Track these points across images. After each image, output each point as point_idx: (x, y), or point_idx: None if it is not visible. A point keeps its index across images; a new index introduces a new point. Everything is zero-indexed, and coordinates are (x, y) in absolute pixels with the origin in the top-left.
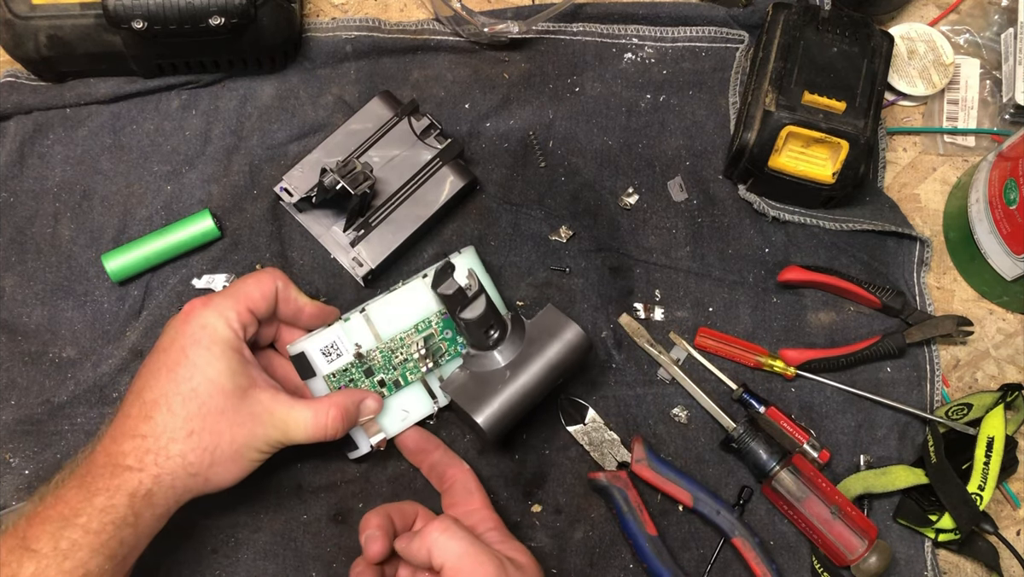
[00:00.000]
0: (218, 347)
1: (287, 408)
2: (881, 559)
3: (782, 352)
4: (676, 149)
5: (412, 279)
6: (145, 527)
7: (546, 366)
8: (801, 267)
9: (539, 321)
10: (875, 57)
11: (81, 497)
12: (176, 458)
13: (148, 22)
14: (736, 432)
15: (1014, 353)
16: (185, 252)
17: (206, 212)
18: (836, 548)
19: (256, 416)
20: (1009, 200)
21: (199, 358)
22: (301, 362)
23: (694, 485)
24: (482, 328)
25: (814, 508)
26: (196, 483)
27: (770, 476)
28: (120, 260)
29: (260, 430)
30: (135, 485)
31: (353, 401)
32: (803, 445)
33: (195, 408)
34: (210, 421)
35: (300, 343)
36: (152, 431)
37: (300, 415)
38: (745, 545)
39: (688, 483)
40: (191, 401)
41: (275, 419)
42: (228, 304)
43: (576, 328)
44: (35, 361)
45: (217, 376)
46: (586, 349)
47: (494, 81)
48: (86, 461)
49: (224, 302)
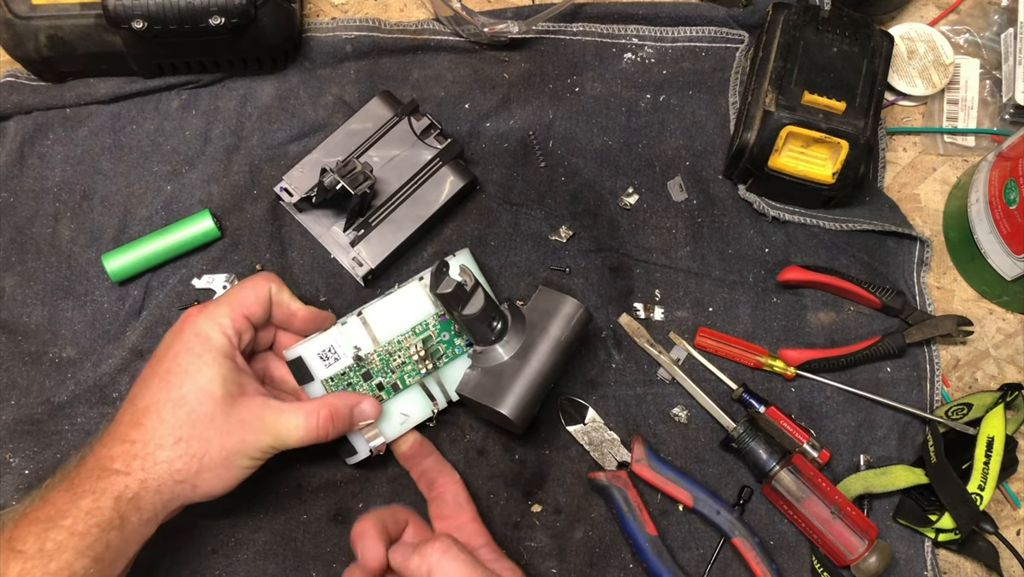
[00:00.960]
0: (210, 355)
1: (277, 413)
2: (881, 559)
3: (782, 352)
4: (676, 149)
5: (408, 282)
6: (132, 531)
7: (553, 344)
8: (801, 267)
9: (535, 304)
10: (875, 57)
11: (68, 499)
12: (163, 464)
13: (148, 22)
14: (736, 432)
15: (1014, 353)
16: (185, 252)
17: (206, 212)
18: (836, 548)
19: (246, 422)
20: (1009, 200)
21: (190, 365)
22: (298, 367)
23: (694, 485)
24: (484, 322)
25: (814, 508)
26: (184, 490)
27: (770, 476)
28: (120, 260)
29: (251, 437)
30: (121, 488)
31: (346, 404)
32: (803, 445)
33: (184, 415)
34: (199, 428)
35: (297, 347)
36: (141, 437)
37: (291, 419)
38: (745, 545)
39: (688, 483)
40: (180, 408)
41: (266, 424)
42: (223, 311)
43: (572, 301)
44: (35, 361)
45: (207, 383)
46: (587, 319)
47: (494, 81)
48: (76, 465)
49: (218, 309)
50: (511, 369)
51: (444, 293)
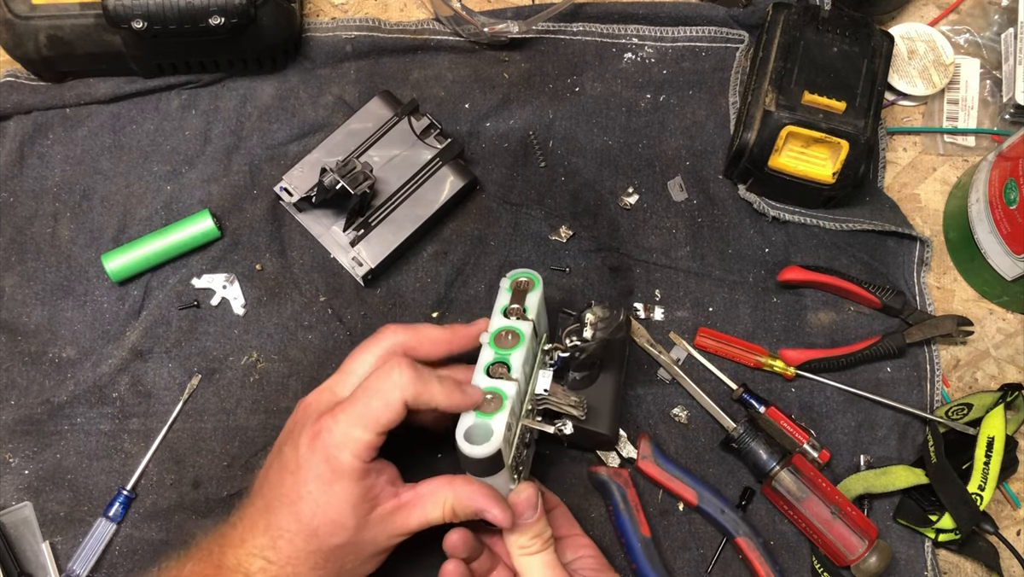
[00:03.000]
0: (340, 484)
1: (407, 514)
2: (881, 559)
3: (782, 352)
4: (676, 149)
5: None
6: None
7: (617, 358)
8: (801, 267)
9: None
10: (875, 57)
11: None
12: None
13: (148, 22)
14: (736, 432)
15: (1014, 353)
16: (185, 252)
17: (206, 212)
18: (836, 548)
19: (378, 532)
20: (1009, 200)
21: (320, 497)
22: (494, 461)
23: (699, 483)
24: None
25: (814, 508)
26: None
27: (770, 476)
28: (120, 260)
29: (383, 540)
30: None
31: (473, 506)
32: (803, 445)
33: (316, 545)
34: (334, 555)
35: (491, 443)
36: (278, 559)
37: (420, 515)
38: (749, 545)
39: (693, 481)
40: (313, 539)
41: (396, 527)
42: (357, 433)
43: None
44: (35, 361)
45: (338, 515)
46: (628, 321)
47: (494, 81)
48: (217, 554)
49: (352, 428)
50: (594, 392)
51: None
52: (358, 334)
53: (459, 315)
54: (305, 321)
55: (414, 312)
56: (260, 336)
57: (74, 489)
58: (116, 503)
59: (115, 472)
